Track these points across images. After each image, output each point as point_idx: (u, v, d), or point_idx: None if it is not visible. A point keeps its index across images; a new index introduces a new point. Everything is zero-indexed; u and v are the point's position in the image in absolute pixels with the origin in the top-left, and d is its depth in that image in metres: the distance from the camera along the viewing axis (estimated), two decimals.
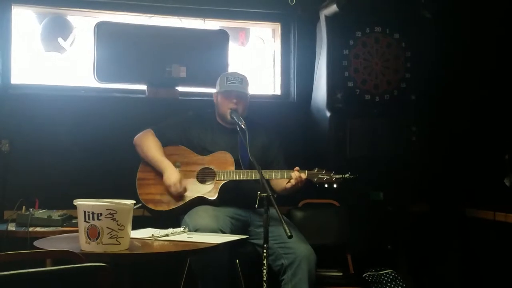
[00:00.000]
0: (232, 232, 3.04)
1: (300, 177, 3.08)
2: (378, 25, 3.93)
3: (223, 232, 2.95)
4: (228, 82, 3.35)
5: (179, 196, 3.22)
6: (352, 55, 3.88)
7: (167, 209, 3.23)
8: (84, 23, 3.95)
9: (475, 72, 3.93)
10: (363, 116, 3.91)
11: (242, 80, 3.37)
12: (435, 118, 4.04)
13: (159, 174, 3.28)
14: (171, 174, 3.21)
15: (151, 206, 3.23)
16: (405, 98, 3.96)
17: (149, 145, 3.33)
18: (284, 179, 3.13)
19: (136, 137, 3.39)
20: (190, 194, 3.23)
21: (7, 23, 3.73)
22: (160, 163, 3.27)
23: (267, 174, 3.09)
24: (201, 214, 3.07)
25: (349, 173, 3.08)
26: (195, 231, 2.89)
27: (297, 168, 3.10)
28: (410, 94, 3.97)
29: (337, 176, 3.08)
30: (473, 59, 3.95)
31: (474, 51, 3.95)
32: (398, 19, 3.96)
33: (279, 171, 3.15)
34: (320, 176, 3.09)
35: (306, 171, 3.11)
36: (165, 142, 3.36)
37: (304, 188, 3.18)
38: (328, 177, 3.08)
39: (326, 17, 3.85)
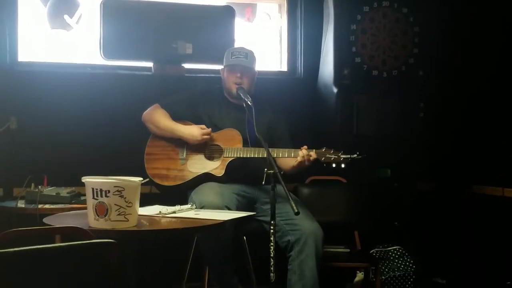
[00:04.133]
0: (238, 209, 3.05)
1: (307, 155, 3.05)
2: (386, 0, 3.88)
3: (229, 209, 2.96)
4: (233, 57, 3.33)
5: (188, 171, 3.22)
6: (359, 30, 3.85)
7: (173, 184, 3.25)
8: (90, 0, 3.92)
9: (484, 47, 3.89)
10: (370, 92, 3.89)
11: (247, 54, 3.35)
12: (443, 94, 4.01)
13: (167, 149, 3.29)
14: (192, 131, 3.23)
15: (157, 180, 3.25)
16: (413, 74, 3.93)
17: (159, 117, 3.34)
18: (292, 157, 3.12)
19: (144, 113, 3.40)
20: (197, 170, 3.24)
21: (13, 1, 3.71)
22: (175, 129, 3.28)
23: (275, 153, 3.07)
24: (207, 191, 3.08)
25: (357, 153, 3.04)
26: (201, 208, 2.90)
27: (305, 146, 3.09)
28: (418, 70, 3.94)
29: (345, 156, 3.03)
30: (482, 34, 3.91)
31: (483, 26, 3.90)
32: None
33: (286, 150, 3.13)
34: (328, 155, 3.06)
35: (314, 150, 3.09)
36: (172, 117, 3.36)
37: (311, 167, 3.17)
38: (336, 156, 3.04)
39: None
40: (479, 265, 3.88)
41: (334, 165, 3.06)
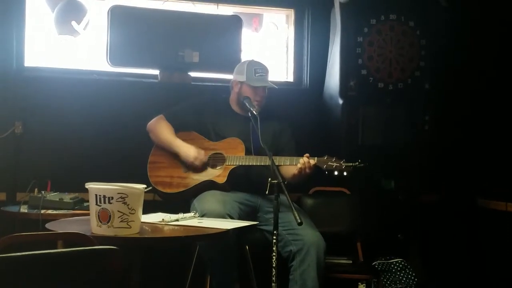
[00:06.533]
0: (240, 217, 3.05)
1: (308, 162, 3.05)
2: (393, 13, 3.88)
3: (231, 217, 2.96)
4: (257, 75, 3.32)
5: (191, 178, 3.23)
6: (366, 42, 3.85)
7: (176, 191, 3.25)
8: (97, 7, 3.94)
9: (492, 60, 3.89)
10: (376, 104, 3.88)
11: (267, 72, 3.37)
12: (448, 107, 4.01)
13: (170, 158, 3.31)
14: (188, 150, 3.24)
15: (160, 188, 3.26)
16: (418, 87, 3.92)
17: (161, 129, 3.35)
18: (294, 165, 3.11)
19: (149, 123, 3.42)
20: (200, 178, 3.25)
21: (21, 6, 3.74)
22: (173, 144, 3.29)
23: (277, 160, 3.07)
24: (209, 199, 3.09)
25: (359, 161, 3.04)
26: (203, 215, 2.90)
27: (307, 154, 3.09)
28: (424, 83, 3.93)
29: (347, 164, 3.04)
30: (489, 47, 3.91)
31: (490, 40, 3.91)
32: (413, 7, 3.91)
33: (288, 158, 3.13)
34: (330, 163, 3.06)
35: (316, 158, 3.09)
36: (178, 126, 3.37)
37: (314, 176, 3.16)
38: (338, 164, 3.04)
39: (341, 4, 3.82)
40: (483, 278, 3.86)
41: (336, 173, 3.05)
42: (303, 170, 3.06)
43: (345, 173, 3.04)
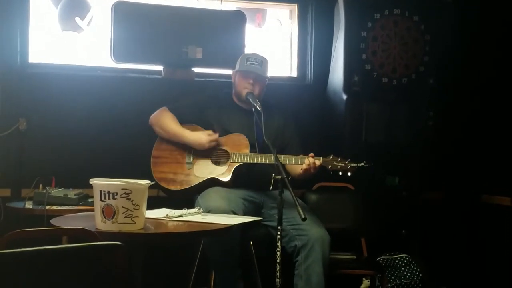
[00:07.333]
0: (245, 214, 3.05)
1: (313, 163, 3.06)
2: (397, 7, 3.87)
3: (235, 214, 2.96)
4: (248, 63, 3.34)
5: (195, 176, 3.23)
6: (370, 37, 3.84)
7: (179, 188, 3.25)
8: (101, 3, 3.94)
9: (496, 55, 3.88)
10: (380, 99, 3.88)
11: (262, 62, 3.36)
12: (452, 103, 4.00)
13: (174, 153, 3.30)
14: (199, 137, 3.24)
15: (163, 184, 3.26)
16: (423, 82, 3.91)
17: (167, 121, 3.35)
18: (299, 164, 3.12)
19: (151, 116, 3.41)
20: (203, 175, 3.24)
21: (25, 3, 3.74)
22: (181, 135, 3.29)
23: (282, 159, 3.07)
24: (213, 196, 3.09)
25: (364, 161, 3.05)
26: (207, 212, 2.90)
27: (311, 154, 3.09)
28: (428, 78, 3.92)
29: (352, 164, 3.05)
30: (493, 43, 3.90)
31: (494, 35, 3.89)
32: (418, 1, 3.90)
33: (293, 156, 3.13)
34: (335, 163, 3.07)
35: (321, 157, 3.09)
36: (180, 121, 3.37)
37: (319, 174, 3.17)
38: (343, 164, 3.05)
39: None
40: (486, 274, 3.86)
41: (340, 173, 3.06)
42: (308, 171, 3.07)
43: (349, 174, 3.05)
